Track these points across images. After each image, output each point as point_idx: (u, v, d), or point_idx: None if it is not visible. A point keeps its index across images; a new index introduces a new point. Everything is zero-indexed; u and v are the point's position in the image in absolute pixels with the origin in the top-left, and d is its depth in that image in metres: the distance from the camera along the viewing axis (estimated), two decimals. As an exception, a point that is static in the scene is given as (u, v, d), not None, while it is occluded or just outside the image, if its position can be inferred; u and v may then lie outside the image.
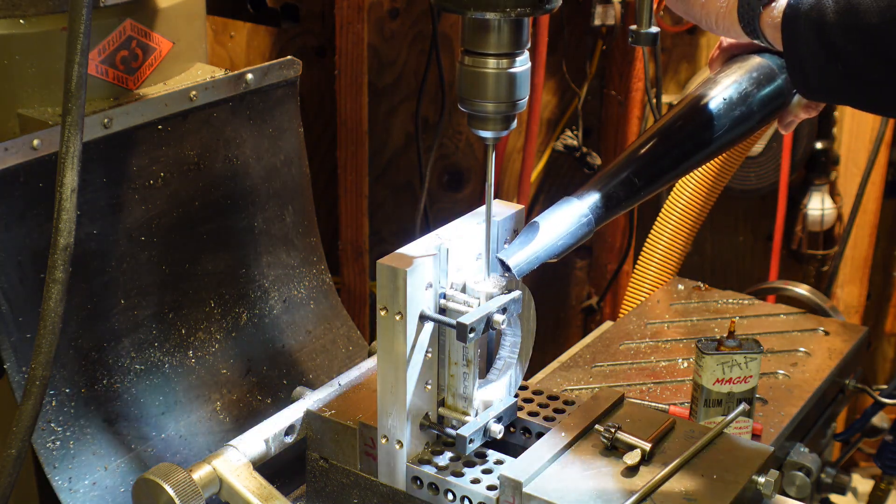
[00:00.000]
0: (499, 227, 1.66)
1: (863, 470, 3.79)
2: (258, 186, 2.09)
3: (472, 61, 1.53)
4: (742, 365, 1.84)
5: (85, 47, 1.51)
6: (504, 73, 1.52)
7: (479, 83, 1.53)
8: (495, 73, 1.52)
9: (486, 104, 1.53)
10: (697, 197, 2.61)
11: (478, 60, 1.52)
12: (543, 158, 3.54)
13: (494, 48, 1.51)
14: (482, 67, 1.52)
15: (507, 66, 1.52)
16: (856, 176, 3.53)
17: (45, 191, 1.70)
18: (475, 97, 1.54)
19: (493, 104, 1.53)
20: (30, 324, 1.70)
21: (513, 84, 1.53)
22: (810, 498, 2.07)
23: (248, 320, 2.08)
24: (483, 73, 1.52)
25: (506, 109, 1.54)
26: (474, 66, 1.53)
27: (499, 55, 1.51)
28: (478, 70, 1.52)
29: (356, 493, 1.70)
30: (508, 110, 1.55)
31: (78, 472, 1.76)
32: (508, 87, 1.53)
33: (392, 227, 3.49)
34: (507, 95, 1.53)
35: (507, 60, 1.52)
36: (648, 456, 1.57)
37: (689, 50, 3.48)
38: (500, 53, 1.51)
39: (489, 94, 1.53)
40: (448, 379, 1.63)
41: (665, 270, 2.63)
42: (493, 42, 1.51)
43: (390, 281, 1.53)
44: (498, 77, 1.52)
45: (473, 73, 1.53)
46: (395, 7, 3.26)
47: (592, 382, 2.14)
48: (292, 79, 2.10)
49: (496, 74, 1.52)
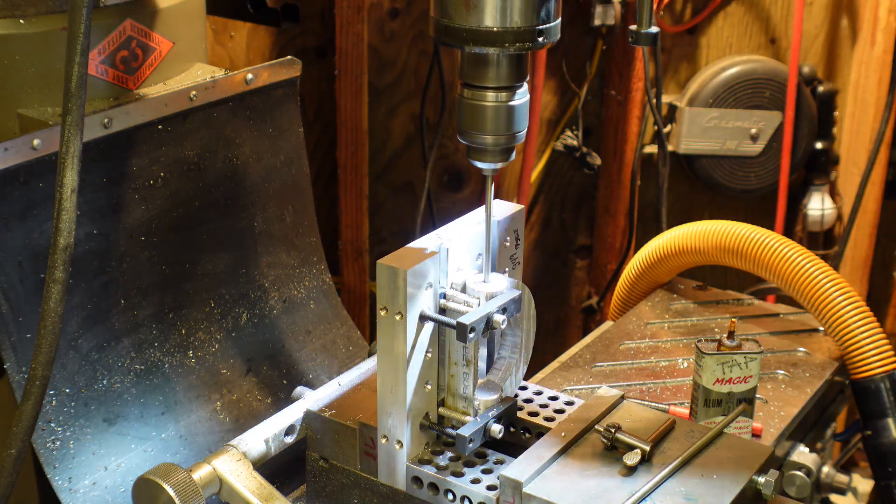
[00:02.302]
0: (499, 227, 1.66)
1: (863, 470, 3.78)
2: (258, 186, 2.09)
3: (471, 94, 1.53)
4: (742, 365, 1.84)
5: (85, 47, 1.51)
6: (503, 106, 1.52)
7: (479, 116, 1.53)
8: (494, 106, 1.52)
9: (485, 137, 1.53)
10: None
11: (477, 94, 1.52)
12: (543, 158, 3.54)
13: (494, 82, 1.51)
14: (481, 101, 1.52)
15: (506, 99, 1.52)
16: (856, 176, 3.53)
17: (45, 191, 1.70)
18: (474, 130, 1.54)
19: (492, 137, 1.53)
20: (30, 324, 1.70)
21: (512, 117, 1.53)
22: (810, 498, 2.07)
23: (248, 320, 2.08)
24: (482, 107, 1.52)
25: (505, 142, 1.54)
26: (473, 100, 1.53)
27: (498, 88, 1.51)
28: (477, 103, 1.52)
29: (356, 493, 1.70)
30: (508, 143, 1.55)
31: (78, 472, 1.76)
32: (508, 120, 1.53)
33: (392, 227, 3.49)
34: (507, 128, 1.53)
35: (507, 93, 1.52)
36: (648, 456, 1.57)
37: (689, 50, 3.48)
38: (500, 87, 1.51)
39: (488, 127, 1.53)
40: (448, 379, 1.63)
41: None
42: (492, 76, 1.51)
43: (390, 281, 1.53)
44: (497, 110, 1.52)
45: (472, 106, 1.53)
46: (395, 7, 3.26)
47: (592, 382, 2.14)
48: (292, 79, 2.10)
49: (495, 108, 1.52)
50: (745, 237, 2.22)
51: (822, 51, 3.52)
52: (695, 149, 3.46)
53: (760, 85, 3.43)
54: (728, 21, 3.46)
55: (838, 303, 2.12)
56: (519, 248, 1.73)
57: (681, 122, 3.43)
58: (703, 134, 3.44)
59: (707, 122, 3.43)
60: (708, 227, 2.28)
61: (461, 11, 1.46)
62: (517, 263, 1.73)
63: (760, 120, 3.45)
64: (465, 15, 1.46)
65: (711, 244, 2.28)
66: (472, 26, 1.46)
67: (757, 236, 2.21)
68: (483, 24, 1.46)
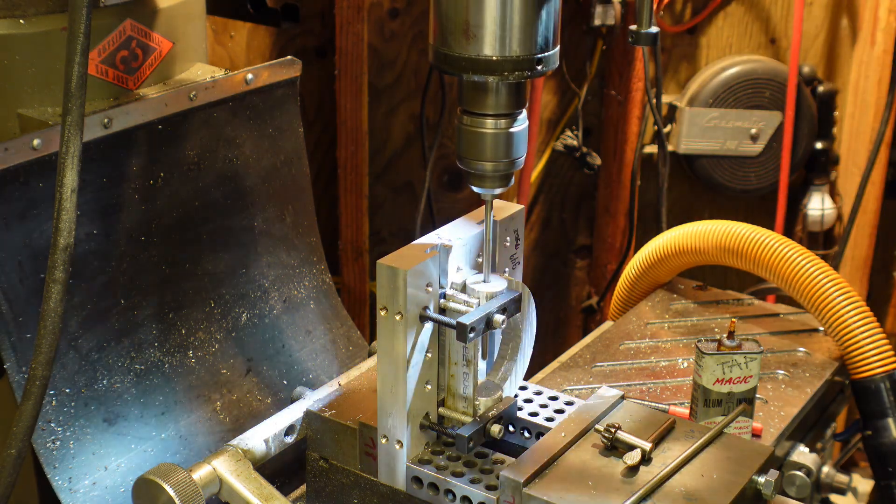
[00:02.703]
0: (499, 227, 1.66)
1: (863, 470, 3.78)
2: (258, 186, 2.09)
3: (470, 121, 1.53)
4: (742, 365, 1.84)
5: (85, 47, 1.51)
6: (503, 133, 1.52)
7: (478, 143, 1.53)
8: (493, 133, 1.52)
9: (484, 163, 1.54)
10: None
11: (476, 120, 1.53)
12: (543, 158, 3.54)
13: (493, 109, 1.52)
14: (480, 128, 1.53)
15: (505, 126, 1.52)
16: (856, 176, 3.53)
17: (45, 191, 1.70)
18: (473, 157, 1.54)
19: (491, 163, 1.54)
20: (30, 324, 1.70)
21: (511, 143, 1.53)
22: (810, 498, 2.07)
23: (248, 320, 2.08)
24: (481, 133, 1.53)
25: (504, 168, 1.55)
26: (472, 126, 1.53)
27: (497, 115, 1.52)
28: (476, 130, 1.53)
29: (356, 493, 1.70)
30: (507, 169, 1.55)
31: (78, 472, 1.76)
32: (507, 147, 1.53)
33: (392, 227, 3.49)
34: (506, 154, 1.54)
35: (506, 120, 1.52)
36: (648, 456, 1.57)
37: (689, 50, 3.48)
38: (499, 114, 1.52)
39: (487, 154, 1.53)
40: (448, 379, 1.63)
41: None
42: (491, 103, 1.52)
43: (390, 281, 1.53)
44: (496, 137, 1.53)
45: (472, 132, 1.53)
46: (395, 7, 3.26)
47: (592, 382, 2.14)
48: (292, 79, 2.10)
49: (494, 135, 1.53)
50: (745, 237, 2.22)
51: (822, 51, 3.52)
52: (695, 149, 3.46)
53: (760, 85, 3.43)
54: (728, 21, 3.46)
55: (838, 303, 2.12)
56: (519, 248, 1.73)
57: (681, 122, 3.43)
58: (703, 134, 3.44)
59: (707, 122, 3.43)
60: (708, 227, 2.28)
61: (460, 40, 1.47)
62: (517, 263, 1.73)
63: (760, 120, 3.45)
64: (464, 44, 1.47)
65: (711, 244, 2.28)
66: (471, 55, 1.47)
67: (757, 236, 2.21)
68: (482, 52, 1.47)
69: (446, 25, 1.48)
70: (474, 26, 1.46)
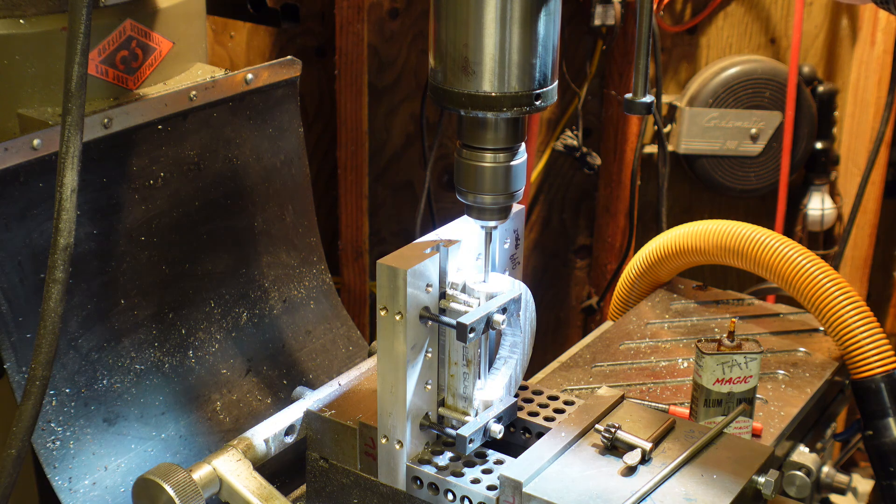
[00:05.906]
0: (498, 227, 1.66)
1: (863, 470, 3.78)
2: (258, 186, 2.09)
3: (469, 155, 1.53)
4: (742, 365, 1.84)
5: (85, 47, 1.51)
6: (501, 167, 1.53)
7: (477, 176, 1.54)
8: (493, 167, 1.53)
9: (483, 196, 1.54)
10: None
11: (475, 154, 1.53)
12: (543, 158, 3.54)
13: (492, 143, 1.52)
14: (480, 161, 1.53)
15: (504, 160, 1.53)
16: (856, 176, 3.54)
17: (45, 191, 1.70)
18: (472, 190, 1.55)
19: (490, 196, 1.54)
20: (30, 324, 1.70)
21: (510, 177, 1.54)
22: (810, 498, 2.07)
23: (248, 320, 2.08)
24: (481, 168, 1.53)
25: (504, 201, 1.55)
26: (471, 160, 1.53)
27: (496, 150, 1.52)
28: (475, 164, 1.53)
29: (356, 493, 1.70)
30: (506, 202, 1.56)
31: (78, 472, 1.76)
32: (506, 180, 1.54)
33: (392, 227, 3.49)
34: (505, 188, 1.54)
35: (505, 154, 1.53)
36: (648, 456, 1.57)
37: (689, 50, 3.48)
38: (498, 148, 1.52)
39: (486, 187, 1.54)
40: (448, 379, 1.63)
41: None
42: (490, 138, 1.52)
43: (390, 281, 1.53)
44: (495, 171, 1.53)
45: (471, 166, 1.54)
46: (395, 7, 3.26)
47: (592, 382, 2.14)
48: (292, 79, 2.10)
49: (493, 168, 1.53)
50: (745, 237, 2.22)
51: (822, 51, 3.53)
52: (695, 149, 3.46)
53: (760, 85, 3.43)
54: (728, 21, 3.46)
55: (838, 303, 2.12)
56: (519, 248, 1.73)
57: (681, 122, 3.43)
58: (703, 134, 3.45)
59: (707, 122, 3.43)
60: (708, 227, 2.28)
61: (459, 76, 1.48)
62: (517, 263, 1.73)
63: (760, 120, 3.45)
64: (463, 80, 1.47)
65: (711, 244, 2.28)
66: (470, 91, 1.48)
67: (757, 236, 2.21)
68: (481, 89, 1.47)
69: (445, 61, 1.49)
70: (473, 63, 1.46)
